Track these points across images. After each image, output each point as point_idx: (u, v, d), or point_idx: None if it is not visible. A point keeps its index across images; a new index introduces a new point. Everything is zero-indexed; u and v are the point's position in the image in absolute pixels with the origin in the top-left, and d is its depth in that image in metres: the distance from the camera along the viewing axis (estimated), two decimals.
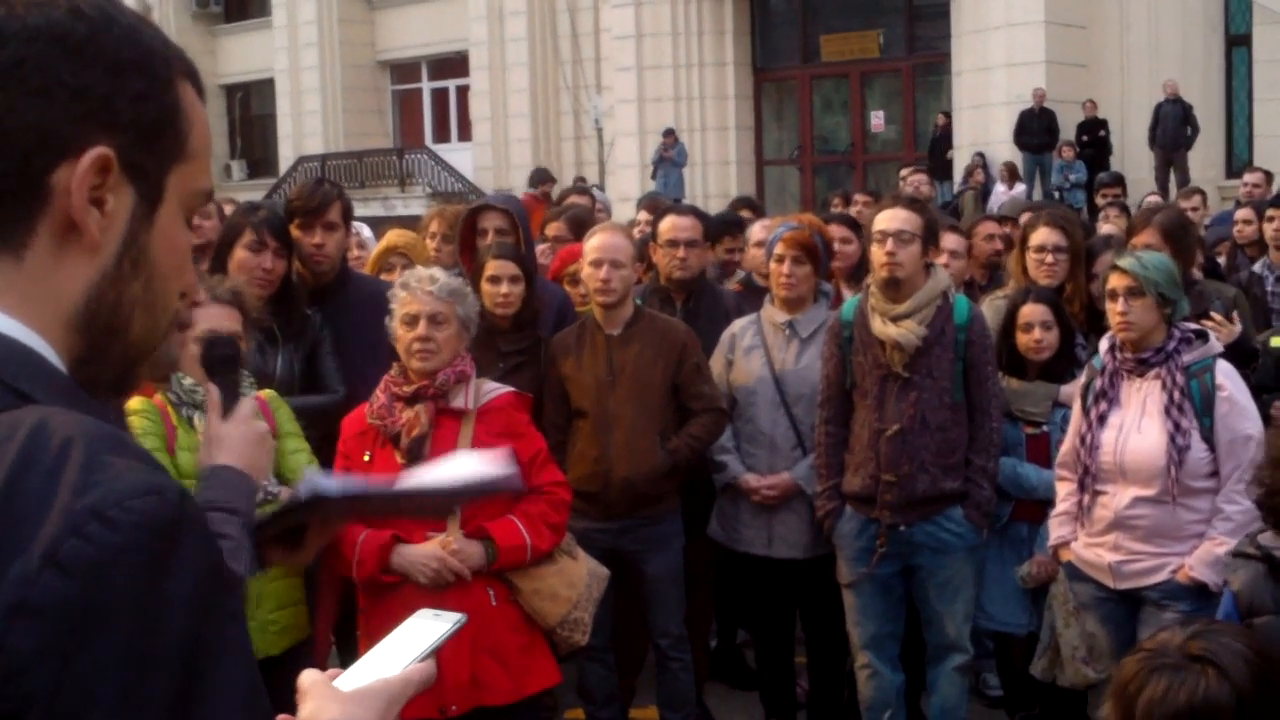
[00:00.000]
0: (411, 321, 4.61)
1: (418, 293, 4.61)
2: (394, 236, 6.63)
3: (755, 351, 5.95)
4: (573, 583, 4.76)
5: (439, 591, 4.44)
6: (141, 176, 1.29)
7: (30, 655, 1.05)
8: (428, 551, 4.50)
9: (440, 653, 1.62)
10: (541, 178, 20.74)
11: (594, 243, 5.72)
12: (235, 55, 35.27)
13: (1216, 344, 5.05)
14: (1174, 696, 2.52)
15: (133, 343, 1.33)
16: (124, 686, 1.07)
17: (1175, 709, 2.51)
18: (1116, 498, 4.99)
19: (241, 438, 2.59)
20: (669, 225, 6.45)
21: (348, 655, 6.06)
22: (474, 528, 4.55)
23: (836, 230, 7.12)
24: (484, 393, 4.70)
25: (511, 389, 4.85)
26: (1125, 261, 5.02)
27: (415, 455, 4.52)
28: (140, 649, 1.08)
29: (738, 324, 6.10)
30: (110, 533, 1.08)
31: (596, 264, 5.63)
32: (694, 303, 6.45)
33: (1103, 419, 5.04)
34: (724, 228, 7.74)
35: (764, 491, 5.84)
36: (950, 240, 6.61)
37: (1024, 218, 7.87)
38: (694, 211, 6.93)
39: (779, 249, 5.87)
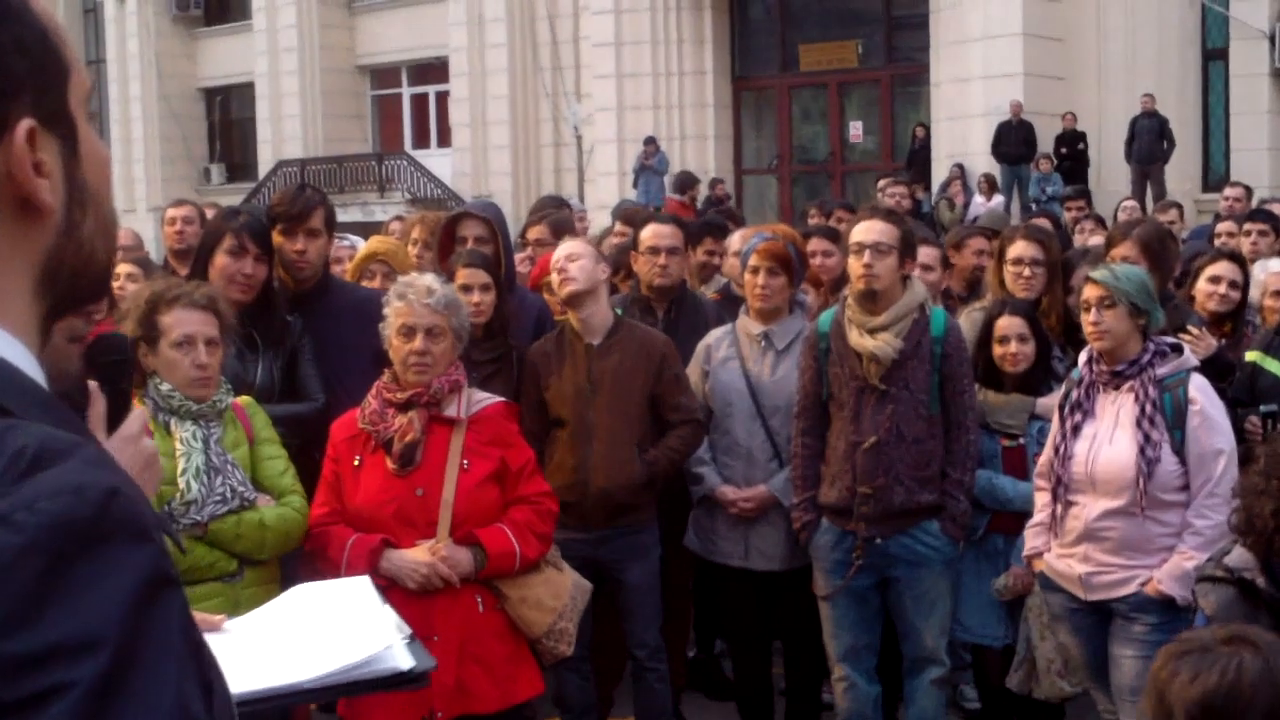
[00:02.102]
0: (408, 333, 4.60)
1: (415, 305, 4.59)
2: (375, 243, 6.63)
3: (731, 363, 5.95)
4: (558, 593, 4.77)
5: (427, 597, 4.45)
6: (54, 119, 1.27)
7: None
8: (418, 557, 4.48)
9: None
10: (686, 182, 19.70)
11: (559, 251, 5.78)
12: (215, 58, 35.18)
13: (1191, 358, 5.08)
14: (1206, 678, 2.53)
15: (100, 268, 1.35)
16: (28, 697, 1.04)
17: (1209, 689, 2.52)
18: (1087, 509, 5.01)
19: (129, 455, 2.19)
20: (650, 233, 6.52)
21: None
22: (463, 534, 4.55)
23: (818, 243, 7.15)
24: (475, 402, 4.70)
25: (502, 399, 4.86)
26: (1098, 273, 5.06)
27: (407, 461, 4.54)
28: (45, 649, 1.05)
29: (713, 335, 6.11)
30: (11, 535, 1.05)
31: (555, 267, 5.70)
32: (675, 313, 6.47)
33: (1076, 430, 5.07)
34: (704, 229, 7.82)
35: (741, 504, 5.85)
36: (925, 254, 6.61)
37: (1004, 229, 7.89)
38: (674, 220, 6.98)
39: (753, 260, 5.88)
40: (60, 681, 1.05)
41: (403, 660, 2.94)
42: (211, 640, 2.09)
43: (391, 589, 4.43)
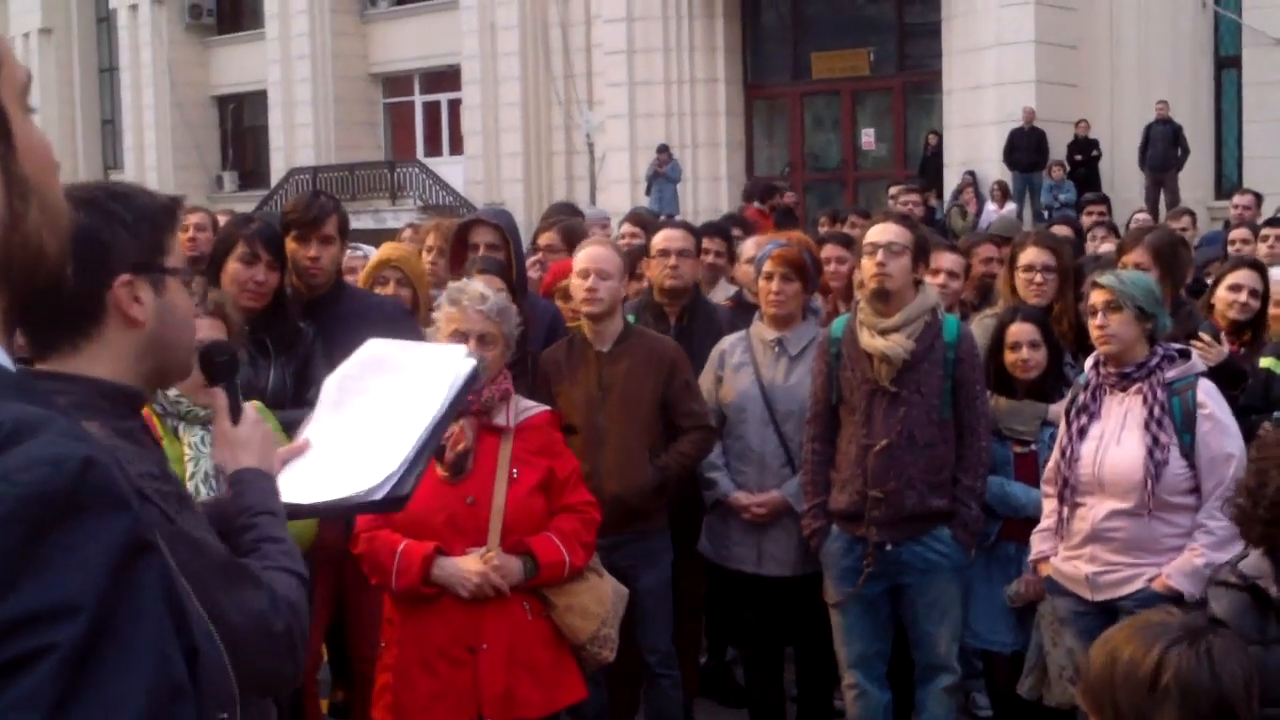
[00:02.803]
0: (461, 339, 4.58)
1: (469, 311, 4.57)
2: (388, 250, 6.62)
3: (744, 368, 5.96)
4: (601, 599, 4.77)
5: (477, 605, 4.45)
6: None
7: None
8: (470, 566, 4.47)
9: (478, 666, 1.69)
10: (766, 190, 18.17)
11: (582, 254, 5.75)
12: (228, 67, 35.29)
13: (1199, 363, 5.09)
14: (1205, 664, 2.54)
15: (52, 260, 1.35)
16: (8, 661, 1.06)
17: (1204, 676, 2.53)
18: (1094, 510, 5.02)
19: (259, 439, 2.67)
20: (661, 237, 6.60)
21: (339, 665, 6.07)
22: (513, 543, 4.55)
23: (832, 250, 7.16)
24: (521, 410, 4.71)
25: (547, 407, 4.86)
26: (1104, 278, 5.09)
27: (459, 469, 4.53)
28: (25, 615, 1.06)
29: (727, 340, 6.12)
30: None
31: (584, 274, 5.65)
32: (688, 319, 6.48)
33: (1083, 432, 5.08)
34: (707, 231, 7.92)
35: (754, 509, 5.85)
36: (948, 260, 6.61)
37: (1015, 236, 7.90)
38: (684, 225, 7.07)
39: (768, 266, 5.89)
40: (39, 646, 1.06)
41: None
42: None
43: (442, 597, 4.46)
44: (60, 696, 1.06)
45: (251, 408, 2.77)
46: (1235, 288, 6.30)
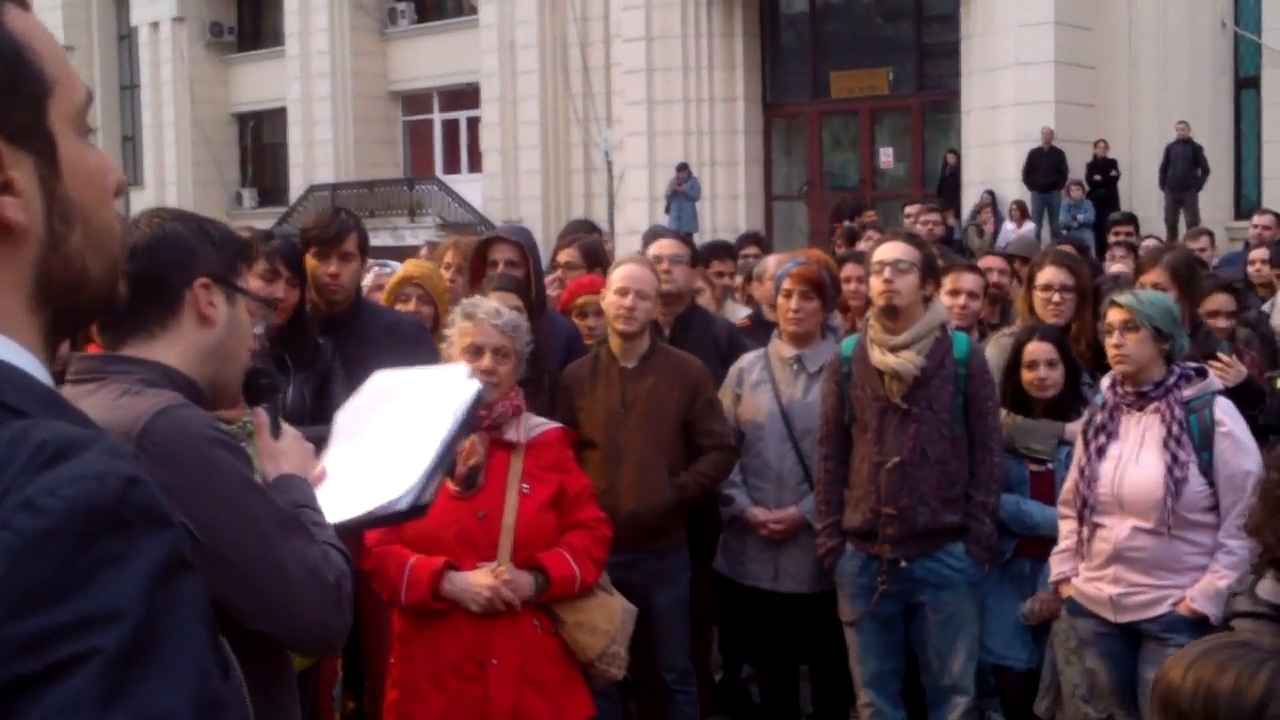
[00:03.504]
0: (476, 352, 4.59)
1: (484, 325, 4.60)
2: (410, 267, 6.65)
3: (763, 386, 5.98)
4: (611, 616, 4.77)
5: (488, 621, 4.45)
6: (26, 136, 1.28)
7: None
8: (481, 580, 4.46)
9: (488, 681, 1.73)
10: (852, 210, 17.78)
11: (621, 271, 5.75)
12: (248, 84, 35.46)
13: (1216, 381, 5.09)
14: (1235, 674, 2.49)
15: (98, 283, 1.36)
16: (54, 665, 1.08)
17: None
18: (1115, 530, 5.01)
19: (299, 451, 2.81)
20: (654, 247, 6.80)
21: (352, 677, 6.08)
22: (524, 558, 4.55)
23: (852, 269, 7.19)
24: (532, 426, 4.71)
25: (558, 424, 4.87)
26: (1122, 297, 5.09)
27: (470, 484, 4.54)
28: (70, 622, 1.08)
29: (746, 359, 6.13)
30: (36, 519, 1.09)
31: (622, 292, 5.66)
32: (682, 330, 6.50)
33: (1101, 451, 5.08)
34: (712, 251, 8.36)
35: (771, 526, 5.86)
36: (968, 280, 6.61)
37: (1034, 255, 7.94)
38: (678, 236, 7.40)
39: (787, 284, 5.91)
40: (84, 649, 1.09)
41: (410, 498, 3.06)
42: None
43: (453, 612, 4.46)
44: (104, 698, 1.08)
45: (290, 428, 2.87)
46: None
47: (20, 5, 1.31)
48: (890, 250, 5.50)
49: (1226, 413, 4.95)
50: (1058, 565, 5.29)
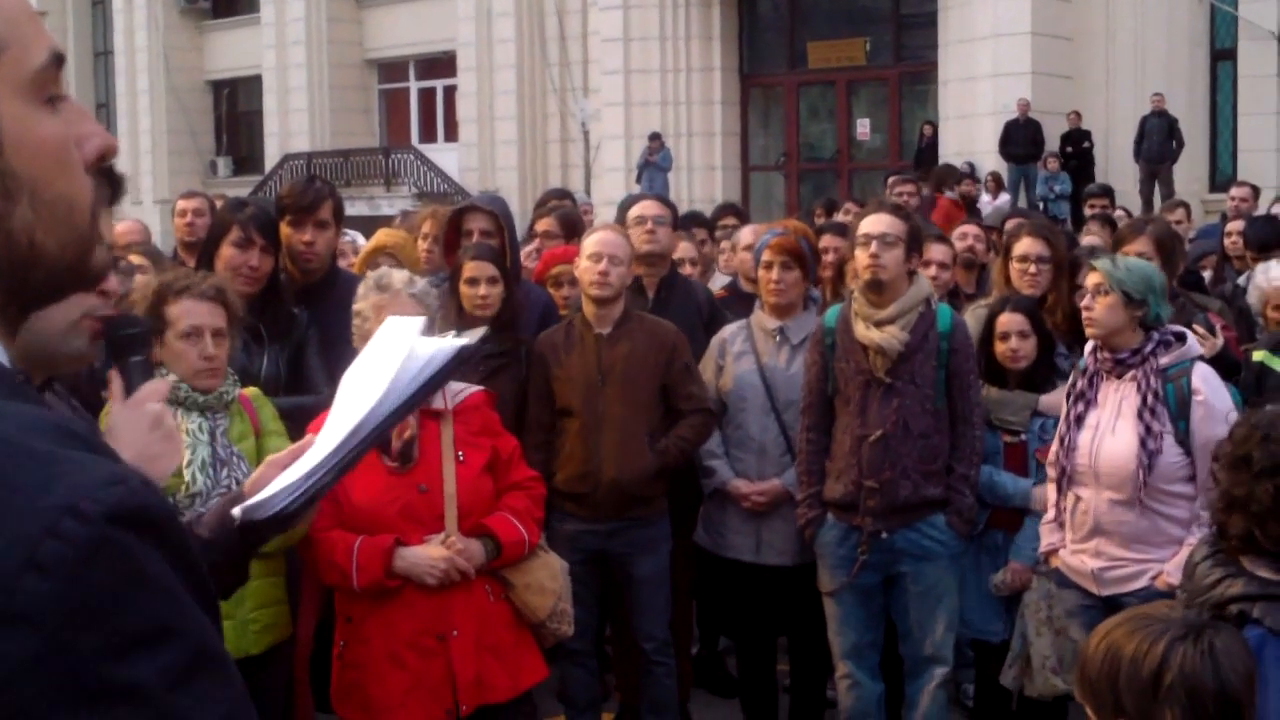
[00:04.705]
0: None
1: (402, 295, 4.54)
2: (383, 236, 6.62)
3: (745, 357, 5.96)
4: (555, 574, 4.75)
5: (444, 593, 4.41)
6: None
7: (21, 663, 1.01)
8: (433, 553, 4.42)
9: (450, 654, 1.61)
10: (954, 175, 18.20)
11: (594, 238, 5.72)
12: (222, 52, 35.21)
13: (1195, 346, 5.07)
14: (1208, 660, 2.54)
15: (53, 259, 1.25)
16: (117, 681, 1.04)
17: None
18: (1093, 501, 5.02)
19: (134, 423, 2.27)
20: (637, 207, 6.72)
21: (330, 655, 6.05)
22: (471, 526, 4.53)
23: (830, 240, 7.18)
24: (456, 392, 4.65)
25: (480, 388, 4.79)
26: (1100, 261, 5.08)
27: (407, 458, 4.48)
28: (128, 640, 1.05)
29: (728, 330, 6.11)
30: (84, 527, 1.04)
31: (595, 258, 5.62)
32: (665, 293, 6.48)
33: (1080, 420, 5.07)
34: (690, 220, 8.42)
35: (754, 498, 5.85)
36: (938, 251, 6.62)
37: (1008, 225, 7.96)
38: (660, 198, 7.28)
39: (766, 255, 5.89)
40: (143, 671, 1.06)
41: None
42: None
43: (404, 588, 4.42)
44: (171, 709, 1.07)
45: (152, 386, 2.45)
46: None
47: None
48: (876, 223, 5.45)
49: (1204, 380, 4.91)
50: (1047, 536, 5.28)
